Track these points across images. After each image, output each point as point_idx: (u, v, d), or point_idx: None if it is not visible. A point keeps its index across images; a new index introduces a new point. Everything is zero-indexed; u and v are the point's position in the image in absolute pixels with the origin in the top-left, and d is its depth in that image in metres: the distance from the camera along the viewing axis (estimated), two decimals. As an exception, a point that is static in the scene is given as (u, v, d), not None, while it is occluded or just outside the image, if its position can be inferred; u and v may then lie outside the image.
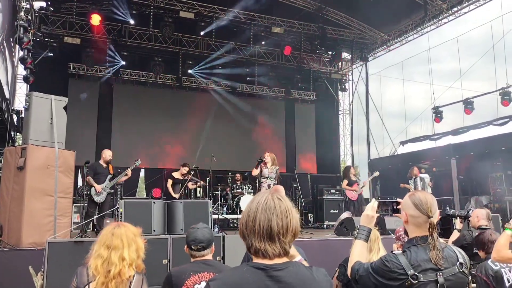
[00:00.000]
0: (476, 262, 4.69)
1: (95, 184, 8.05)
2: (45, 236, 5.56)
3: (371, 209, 2.42)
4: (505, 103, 11.90)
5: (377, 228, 3.72)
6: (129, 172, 8.46)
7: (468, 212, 5.01)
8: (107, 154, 8.51)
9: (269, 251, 1.53)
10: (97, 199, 8.08)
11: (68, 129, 6.58)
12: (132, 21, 13.82)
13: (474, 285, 3.78)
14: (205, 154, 13.59)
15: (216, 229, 8.18)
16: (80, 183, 11.48)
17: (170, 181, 9.79)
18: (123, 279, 2.59)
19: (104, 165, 8.42)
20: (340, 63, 17.86)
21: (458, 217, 5.05)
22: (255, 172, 8.87)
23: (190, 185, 10.34)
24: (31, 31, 11.22)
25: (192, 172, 10.03)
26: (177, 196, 9.43)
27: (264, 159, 8.78)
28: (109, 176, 8.33)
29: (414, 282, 2.09)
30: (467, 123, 13.43)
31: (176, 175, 9.93)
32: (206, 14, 13.84)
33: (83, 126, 13.97)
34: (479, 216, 4.98)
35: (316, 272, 1.62)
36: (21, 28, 9.90)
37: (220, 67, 15.62)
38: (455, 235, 4.95)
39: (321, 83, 17.30)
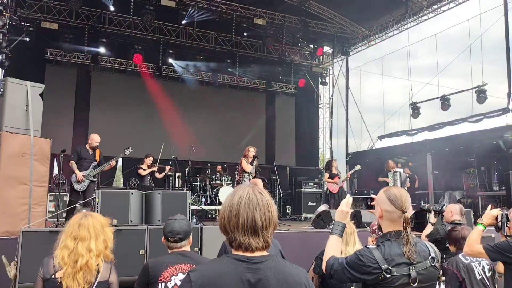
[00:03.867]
0: (448, 256, 4.81)
1: (76, 171, 7.46)
2: (19, 225, 5.46)
3: (345, 205, 2.47)
4: (480, 100, 12.15)
5: (353, 221, 3.78)
6: (113, 162, 8.09)
7: (442, 207, 5.12)
8: (93, 139, 7.85)
9: (253, 245, 1.57)
10: (78, 187, 7.48)
11: (44, 117, 6.43)
12: (112, 8, 13.52)
13: (444, 278, 3.88)
14: (184, 144, 13.48)
15: (194, 220, 8.17)
16: (55, 171, 11.26)
17: (141, 170, 10.41)
18: (91, 269, 2.63)
19: (90, 150, 7.82)
20: (321, 57, 17.93)
21: (432, 212, 5.17)
22: (249, 167, 8.67)
23: (158, 175, 10.56)
24: (7, 14, 10.89)
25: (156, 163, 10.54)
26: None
27: (256, 154, 8.76)
28: (94, 163, 7.74)
29: (388, 276, 2.13)
30: (443, 119, 13.67)
31: (143, 166, 10.37)
32: (188, 3, 13.66)
33: (60, 113, 13.67)
34: (453, 211, 5.10)
35: (291, 267, 1.66)
36: (-4, 11, 9.65)
37: (201, 58, 15.50)
38: (428, 228, 5.05)
39: (302, 76, 17.35)
